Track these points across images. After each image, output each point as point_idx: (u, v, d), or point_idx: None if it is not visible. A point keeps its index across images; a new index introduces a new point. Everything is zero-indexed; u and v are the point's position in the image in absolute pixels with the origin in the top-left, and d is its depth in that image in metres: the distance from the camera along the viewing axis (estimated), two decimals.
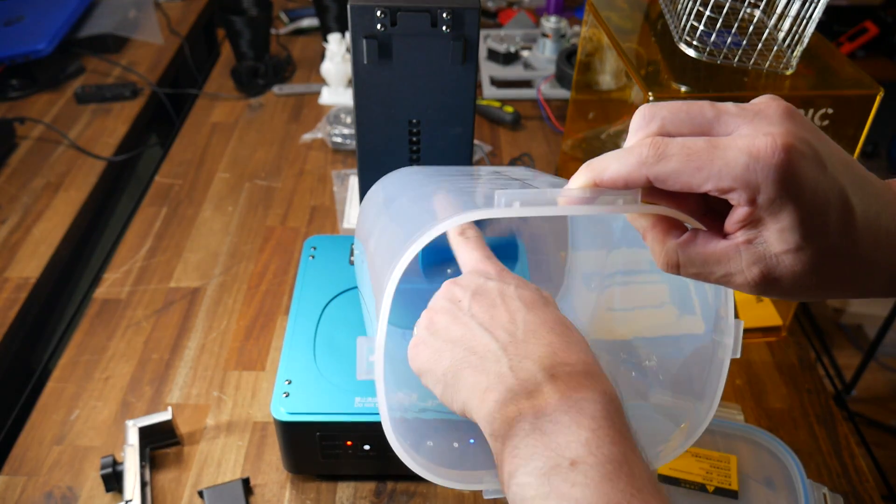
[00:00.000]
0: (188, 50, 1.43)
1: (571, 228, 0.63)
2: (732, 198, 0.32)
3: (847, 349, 1.88)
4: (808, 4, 0.68)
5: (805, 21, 0.69)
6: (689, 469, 0.68)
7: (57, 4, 1.36)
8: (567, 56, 1.25)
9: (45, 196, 1.04)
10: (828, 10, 0.69)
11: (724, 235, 0.34)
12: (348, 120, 1.16)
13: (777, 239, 0.32)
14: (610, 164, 0.34)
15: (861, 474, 0.71)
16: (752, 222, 0.32)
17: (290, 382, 0.65)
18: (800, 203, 0.31)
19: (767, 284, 0.33)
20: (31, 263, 0.93)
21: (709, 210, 0.37)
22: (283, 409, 0.63)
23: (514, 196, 0.36)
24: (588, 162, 0.35)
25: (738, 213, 0.32)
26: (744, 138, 0.31)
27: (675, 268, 0.36)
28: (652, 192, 0.36)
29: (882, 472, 1.33)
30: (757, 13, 0.77)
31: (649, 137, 0.33)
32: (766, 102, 0.33)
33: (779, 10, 0.73)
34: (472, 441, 0.47)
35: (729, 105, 0.33)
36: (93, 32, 1.38)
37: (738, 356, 0.45)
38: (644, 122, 0.34)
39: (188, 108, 1.29)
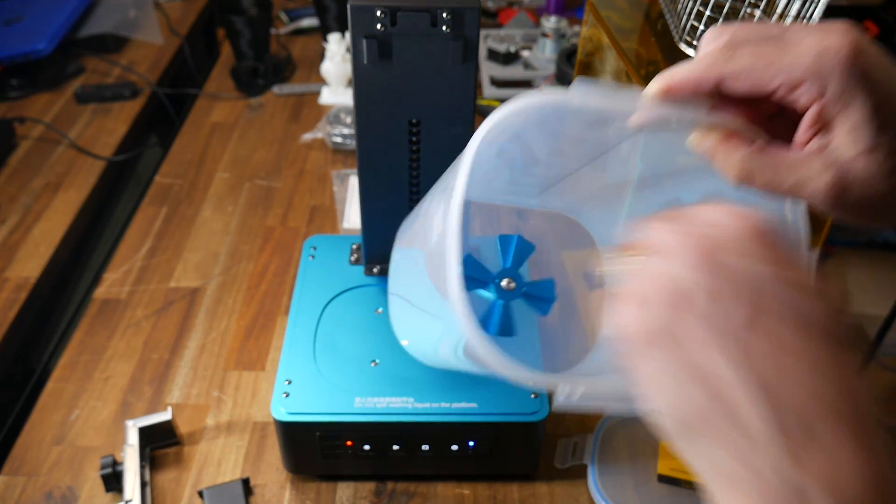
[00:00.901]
0: (188, 50, 1.43)
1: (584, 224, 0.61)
2: (802, 93, 0.32)
3: None
4: (808, 4, 0.68)
5: (805, 21, 0.69)
6: (689, 469, 0.68)
7: (57, 4, 1.36)
8: (567, 56, 1.25)
9: (45, 196, 1.04)
10: (828, 10, 0.69)
11: None
12: (348, 120, 1.16)
13: (848, 140, 0.31)
14: (681, 69, 0.34)
15: None
16: (823, 125, 0.32)
17: (290, 382, 0.65)
18: (869, 94, 0.31)
19: (840, 192, 0.32)
20: (30, 263, 0.93)
21: (774, 137, 0.36)
22: (283, 409, 0.63)
23: (590, 92, 0.35)
24: (660, 72, 0.35)
25: (810, 114, 0.32)
26: (812, 37, 0.32)
27: (749, 176, 0.34)
28: (718, 108, 0.35)
29: None
30: (757, 13, 0.77)
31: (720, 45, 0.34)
32: (830, 22, 0.33)
33: (779, 10, 0.73)
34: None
35: (794, 24, 0.34)
36: (93, 32, 1.38)
37: None
38: (714, 35, 0.34)
39: (188, 108, 1.29)
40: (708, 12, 0.70)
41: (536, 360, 0.60)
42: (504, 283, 0.52)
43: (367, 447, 0.65)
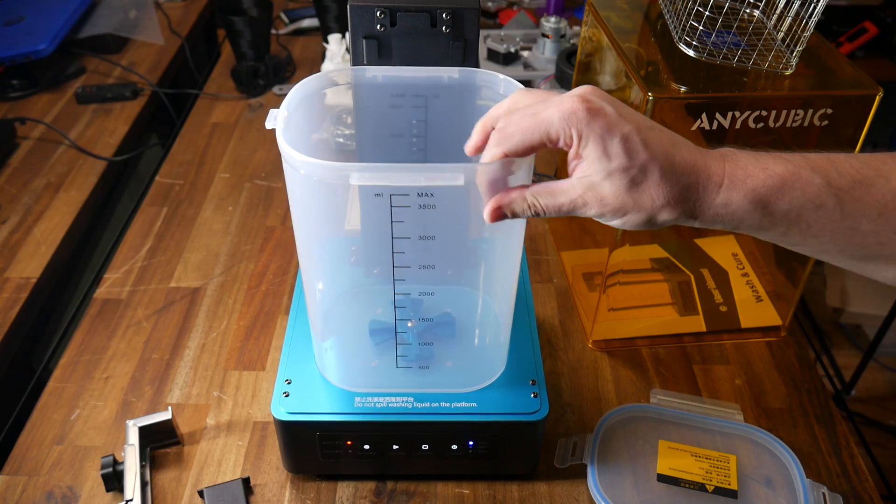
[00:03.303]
0: (188, 50, 1.44)
1: None
2: (561, 143, 0.44)
3: (847, 349, 1.88)
4: (807, 5, 0.68)
5: (804, 21, 0.69)
6: (688, 469, 0.68)
7: (57, 5, 1.36)
8: (567, 56, 1.25)
9: (46, 196, 1.04)
10: (827, 10, 0.69)
11: None
12: (349, 120, 1.16)
13: (593, 170, 0.44)
14: (486, 154, 0.48)
15: (860, 474, 0.71)
16: (578, 159, 0.45)
17: (290, 382, 0.65)
18: (598, 137, 0.43)
19: (601, 205, 0.45)
20: (31, 263, 0.93)
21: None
22: (283, 409, 0.63)
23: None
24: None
25: (569, 154, 0.45)
26: (556, 104, 0.44)
27: (535, 208, 0.47)
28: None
29: (882, 471, 1.33)
30: (756, 13, 0.77)
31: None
32: (573, 90, 0.45)
33: (778, 11, 0.74)
34: None
35: (547, 98, 0.47)
36: (93, 33, 1.39)
37: None
38: (487, 123, 0.49)
39: (188, 108, 1.29)
40: (707, 12, 0.70)
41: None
42: (408, 324, 0.63)
43: (367, 447, 0.65)
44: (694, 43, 0.72)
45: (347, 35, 1.23)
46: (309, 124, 0.60)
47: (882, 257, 0.45)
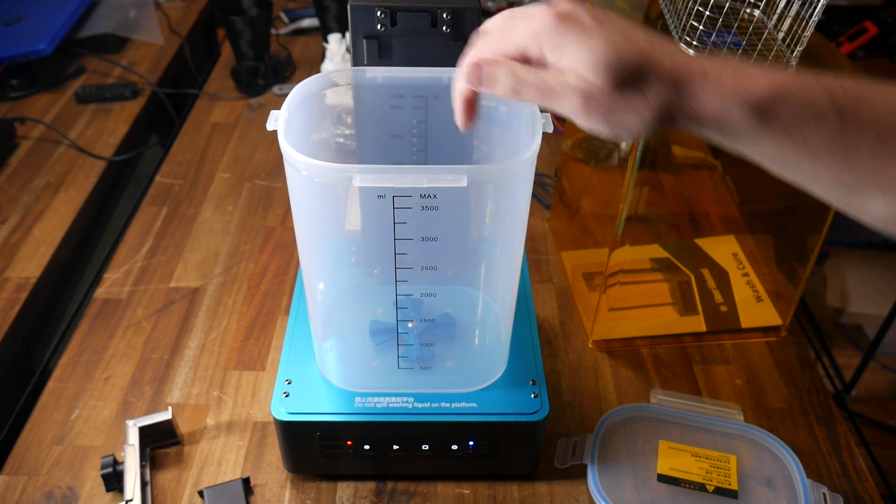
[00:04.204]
0: (188, 50, 1.44)
1: None
2: (534, 55, 0.43)
3: (847, 349, 1.88)
4: (807, 5, 0.68)
5: (805, 21, 0.69)
6: (688, 469, 0.68)
7: (57, 4, 1.36)
8: None
9: (46, 196, 1.04)
10: (828, 10, 0.69)
11: None
12: (349, 120, 1.16)
13: (581, 65, 0.42)
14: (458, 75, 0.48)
15: (861, 474, 0.71)
16: (556, 68, 0.43)
17: (290, 382, 0.65)
18: (576, 45, 0.42)
19: (588, 99, 0.42)
20: (31, 263, 0.93)
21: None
22: (283, 409, 0.63)
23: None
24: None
25: (549, 69, 0.44)
26: (525, 18, 0.44)
27: (519, 84, 0.44)
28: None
29: (882, 471, 1.33)
30: (757, 13, 0.77)
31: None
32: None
33: (779, 10, 0.73)
34: None
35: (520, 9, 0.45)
36: (93, 32, 1.39)
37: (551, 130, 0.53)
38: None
39: (188, 108, 1.29)
40: (708, 12, 0.70)
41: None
42: (409, 325, 0.63)
43: (367, 447, 0.65)
44: (694, 43, 0.72)
45: (347, 35, 1.23)
46: (309, 125, 0.60)
47: (873, 188, 0.43)
